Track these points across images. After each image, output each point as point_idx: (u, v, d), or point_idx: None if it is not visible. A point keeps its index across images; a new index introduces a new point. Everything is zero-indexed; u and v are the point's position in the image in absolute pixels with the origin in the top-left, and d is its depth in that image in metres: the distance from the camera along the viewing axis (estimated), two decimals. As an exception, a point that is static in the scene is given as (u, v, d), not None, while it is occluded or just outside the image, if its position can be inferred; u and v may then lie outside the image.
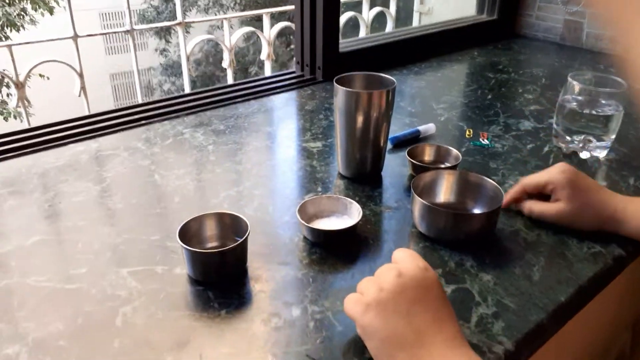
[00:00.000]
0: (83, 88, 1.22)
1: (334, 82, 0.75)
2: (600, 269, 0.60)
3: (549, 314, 0.54)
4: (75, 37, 1.16)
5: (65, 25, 1.18)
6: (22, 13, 7.01)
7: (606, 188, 0.67)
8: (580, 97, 0.85)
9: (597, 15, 0.55)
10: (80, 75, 1.21)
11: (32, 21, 7.12)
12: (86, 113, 1.05)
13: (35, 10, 6.93)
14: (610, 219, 0.64)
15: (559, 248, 0.63)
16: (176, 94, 1.07)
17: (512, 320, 0.53)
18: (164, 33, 9.06)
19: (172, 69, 9.86)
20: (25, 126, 0.97)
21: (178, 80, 9.90)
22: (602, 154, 0.86)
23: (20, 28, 6.94)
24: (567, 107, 0.85)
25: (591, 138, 0.85)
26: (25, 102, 1.18)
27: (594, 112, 0.84)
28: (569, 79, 0.85)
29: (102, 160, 0.84)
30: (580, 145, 0.86)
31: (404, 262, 0.47)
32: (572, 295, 0.56)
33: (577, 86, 0.85)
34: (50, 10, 6.92)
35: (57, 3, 7.04)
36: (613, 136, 0.85)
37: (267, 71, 1.48)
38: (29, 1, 6.85)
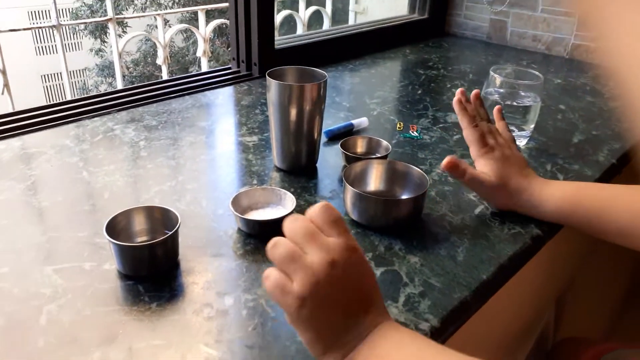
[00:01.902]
0: (7, 85, 1.16)
1: (267, 76, 0.75)
2: (519, 248, 0.64)
3: (473, 292, 0.57)
4: (-4, 31, 1.10)
5: None
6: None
7: (532, 172, 0.69)
8: (501, 90, 0.90)
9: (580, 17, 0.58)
10: (3, 72, 1.15)
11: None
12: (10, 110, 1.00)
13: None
14: (526, 202, 0.68)
15: (482, 230, 0.67)
16: (100, 92, 1.03)
17: (438, 299, 0.55)
18: (99, 32, 8.72)
19: (109, 70, 9.50)
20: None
21: (114, 81, 9.56)
22: (522, 142, 0.91)
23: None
24: (490, 99, 0.90)
25: (513, 128, 0.90)
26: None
27: (514, 103, 0.89)
28: (491, 73, 0.90)
29: (26, 158, 0.81)
30: (503, 135, 0.90)
31: (332, 243, 0.42)
32: (494, 273, 0.60)
33: (498, 79, 0.90)
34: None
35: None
36: (532, 126, 0.91)
37: (204, 68, 1.47)
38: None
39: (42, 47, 10.80)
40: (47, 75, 10.89)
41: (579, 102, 1.14)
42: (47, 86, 10.98)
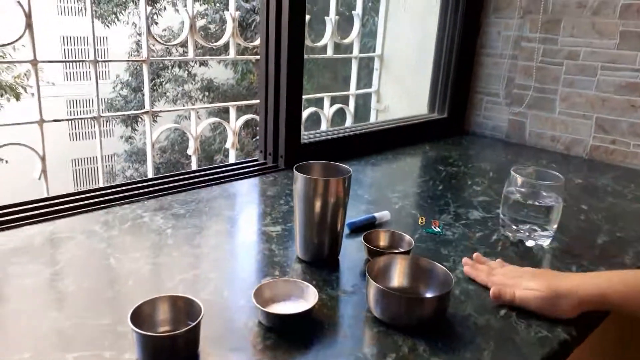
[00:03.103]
0: (44, 171, 1.22)
1: (294, 169, 0.78)
2: (547, 353, 0.62)
3: (500, 399, 0.54)
4: (42, 121, 1.18)
5: (31, 111, 1.20)
6: (-12, 98, 7.03)
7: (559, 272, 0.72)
8: (523, 189, 0.91)
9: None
10: (43, 158, 1.21)
11: (-2, 106, 7.13)
12: (45, 196, 1.05)
13: (1, 96, 6.96)
14: (586, 300, 0.67)
15: (508, 333, 0.65)
16: (131, 180, 1.08)
17: (464, 406, 0.53)
18: (131, 121, 9.20)
19: (137, 155, 9.90)
20: None
21: (141, 167, 9.91)
22: (546, 242, 0.91)
23: (-16, 112, 6.92)
24: (512, 198, 0.91)
25: (535, 227, 0.90)
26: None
27: (536, 203, 0.90)
28: (512, 172, 0.92)
29: (56, 242, 0.83)
30: (527, 234, 0.90)
31: None
32: (522, 380, 0.57)
33: (519, 179, 0.91)
34: (17, 97, 6.97)
35: (25, 90, 7.12)
36: (555, 226, 0.91)
37: (232, 159, 1.52)
38: (-5, 87, 6.90)
39: (76, 133, 11.38)
40: (78, 159, 11.35)
41: (601, 203, 1.14)
42: (76, 170, 11.41)
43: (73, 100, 11.05)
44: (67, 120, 1.32)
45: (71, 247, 0.81)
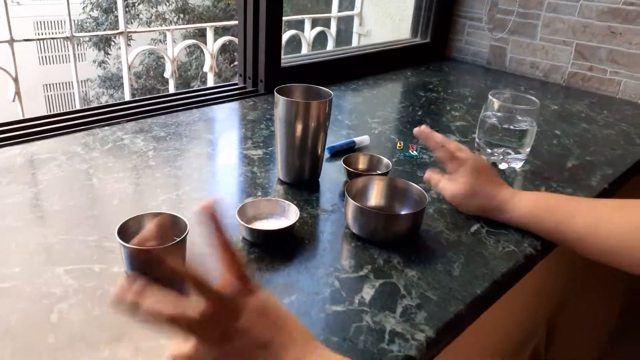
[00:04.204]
0: (18, 93, 1.20)
1: (275, 92, 0.78)
2: (513, 265, 0.67)
3: (467, 305, 0.59)
4: (12, 40, 1.14)
5: None
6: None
7: (501, 181, 0.75)
8: (499, 114, 0.93)
9: None
10: (15, 79, 1.18)
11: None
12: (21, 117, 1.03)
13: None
14: (495, 209, 0.73)
15: (477, 247, 0.69)
16: (110, 103, 1.07)
17: (434, 311, 0.57)
18: (104, 44, 8.83)
19: (111, 81, 9.60)
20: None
21: (116, 92, 9.64)
22: (518, 165, 0.94)
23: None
24: (488, 122, 0.93)
25: (509, 151, 0.93)
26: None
27: (511, 127, 0.92)
28: (490, 97, 0.94)
29: (38, 163, 0.83)
30: (500, 157, 0.94)
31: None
32: (488, 289, 0.62)
33: (496, 103, 0.93)
34: (-21, 16, 6.57)
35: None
36: (528, 149, 0.94)
37: (210, 83, 1.50)
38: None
39: (46, 57, 10.91)
40: (50, 84, 10.97)
41: (574, 129, 1.17)
42: (48, 95, 11.05)
43: (40, 22, 10.49)
44: (38, 39, 1.28)
45: (53, 167, 0.82)
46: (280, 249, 0.66)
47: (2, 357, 0.48)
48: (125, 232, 0.59)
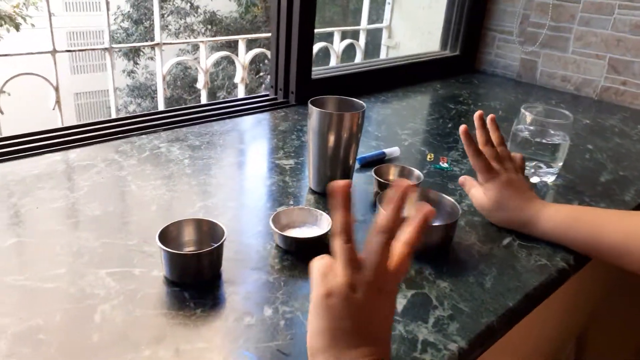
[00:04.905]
0: (58, 102, 1.24)
1: (309, 104, 0.80)
2: (545, 279, 0.66)
3: (499, 317, 0.59)
4: (54, 51, 1.18)
5: (33, 41, 1.20)
6: (-13, 28, 6.89)
7: (532, 195, 0.75)
8: (531, 127, 0.93)
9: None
10: (56, 89, 1.23)
11: (-3, 36, 7.00)
12: (60, 126, 1.07)
13: (1, 26, 6.82)
14: (524, 223, 0.73)
15: (509, 260, 0.69)
16: (145, 112, 1.10)
17: (466, 322, 0.58)
18: (133, 54, 9.03)
19: (139, 90, 9.80)
20: (-1, 135, 0.98)
21: (144, 102, 9.83)
22: (550, 179, 0.94)
23: (-16, 42, 6.81)
24: (520, 135, 0.93)
25: (541, 164, 0.92)
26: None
27: (543, 140, 0.92)
28: (522, 110, 0.94)
29: (78, 170, 0.86)
30: (532, 170, 0.93)
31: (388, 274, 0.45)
32: (520, 301, 0.62)
33: (529, 117, 0.93)
34: (17, 27, 6.83)
35: (24, 20, 6.96)
36: (560, 163, 0.93)
37: (241, 94, 1.53)
38: (-5, 16, 6.75)
39: (77, 66, 11.22)
40: (80, 93, 11.26)
41: (607, 143, 1.16)
42: (78, 104, 11.34)
43: (74, 32, 10.80)
44: (79, 50, 1.32)
45: (93, 174, 0.85)
46: (312, 256, 0.67)
47: (48, 353, 0.50)
48: (166, 237, 0.61)
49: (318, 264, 0.47)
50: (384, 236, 0.44)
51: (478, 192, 0.77)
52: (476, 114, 0.78)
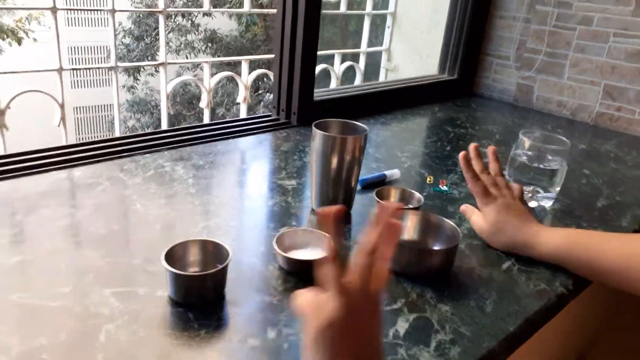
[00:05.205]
0: (63, 119, 1.25)
1: (313, 127, 0.81)
2: (545, 304, 0.67)
3: (500, 342, 0.60)
4: (61, 69, 1.20)
5: (33, 55, 1.22)
6: (-12, 42, 6.94)
7: (530, 218, 0.76)
8: (529, 152, 0.95)
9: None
10: (62, 106, 1.24)
11: (-2, 50, 7.05)
12: (63, 143, 1.08)
13: (3, 40, 6.87)
14: (523, 245, 0.75)
15: (509, 285, 0.70)
16: (149, 131, 1.11)
17: (467, 347, 0.58)
18: (133, 70, 9.09)
19: (139, 106, 9.82)
20: (1, 152, 0.99)
21: (143, 117, 9.86)
22: (548, 203, 0.95)
23: (-15, 56, 6.85)
24: (518, 160, 0.95)
25: (539, 189, 0.94)
26: (4, 128, 1.19)
27: (541, 166, 0.94)
28: (520, 136, 0.95)
29: (83, 188, 0.87)
30: (530, 195, 0.95)
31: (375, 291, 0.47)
32: (520, 326, 0.63)
33: (527, 142, 0.95)
34: (19, 41, 6.88)
35: (26, 34, 7.02)
36: (558, 188, 0.95)
37: (243, 113, 1.55)
38: (-4, 31, 6.80)
39: (77, 81, 11.26)
40: (79, 107, 11.29)
41: (603, 168, 1.18)
42: (77, 118, 11.35)
43: (74, 47, 10.87)
44: (86, 69, 1.34)
45: (98, 192, 0.86)
46: (315, 278, 0.67)
47: (54, 374, 0.50)
48: (171, 257, 0.62)
49: (305, 299, 0.47)
50: (367, 258, 0.46)
51: (478, 217, 0.79)
52: (470, 147, 0.81)
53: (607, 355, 1.10)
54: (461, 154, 0.78)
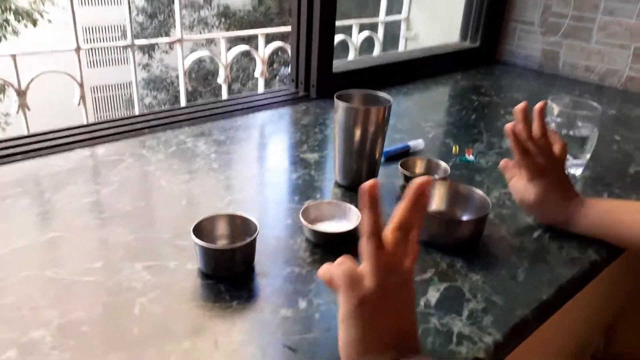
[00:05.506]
0: (82, 97, 1.26)
1: (335, 98, 0.80)
2: (577, 272, 0.66)
3: (533, 310, 0.59)
4: (78, 49, 1.20)
5: (48, 36, 1.22)
6: (5, 24, 6.98)
7: (573, 194, 0.72)
8: (559, 119, 0.92)
9: None
10: (81, 85, 1.24)
11: (15, 32, 7.08)
12: (84, 122, 1.09)
13: (19, 22, 6.90)
14: (563, 224, 0.73)
15: (541, 253, 0.69)
16: (169, 107, 1.11)
17: (500, 315, 0.58)
18: (148, 48, 9.08)
19: (154, 83, 9.87)
20: (24, 133, 1.00)
21: (159, 94, 9.90)
22: (578, 171, 0.93)
23: (2, 38, 6.90)
24: (547, 127, 0.92)
25: (569, 157, 0.91)
26: (25, 109, 1.20)
27: (571, 132, 0.91)
28: (549, 102, 0.93)
29: (108, 165, 0.88)
30: (558, 163, 0.92)
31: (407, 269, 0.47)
32: (553, 294, 0.62)
33: (556, 109, 0.92)
34: (34, 23, 6.90)
35: (41, 15, 7.04)
36: (588, 155, 0.92)
37: (260, 88, 1.54)
38: (12, 13, 6.82)
39: (93, 60, 11.31)
40: (96, 86, 11.36)
41: (634, 134, 1.14)
42: (94, 97, 11.44)
43: (88, 27, 10.88)
44: (102, 47, 1.33)
45: (122, 169, 0.86)
46: (342, 250, 0.67)
47: (91, 344, 0.51)
48: (200, 231, 0.62)
49: (342, 272, 0.46)
50: (400, 233, 0.46)
51: (521, 185, 0.74)
52: (518, 107, 0.73)
53: (637, 326, 1.09)
54: (508, 127, 0.72)
